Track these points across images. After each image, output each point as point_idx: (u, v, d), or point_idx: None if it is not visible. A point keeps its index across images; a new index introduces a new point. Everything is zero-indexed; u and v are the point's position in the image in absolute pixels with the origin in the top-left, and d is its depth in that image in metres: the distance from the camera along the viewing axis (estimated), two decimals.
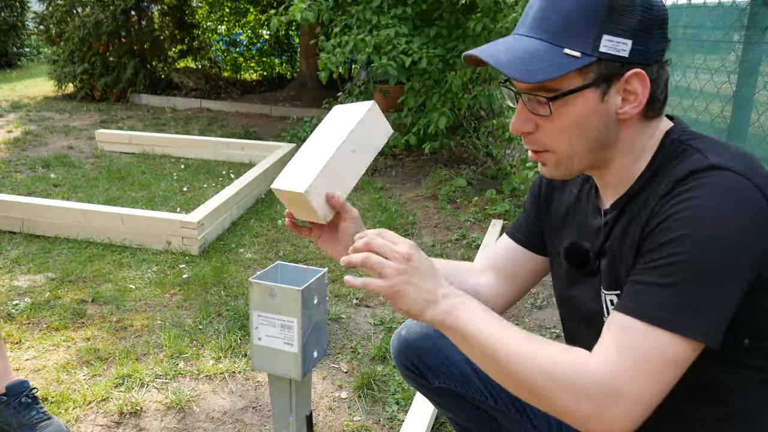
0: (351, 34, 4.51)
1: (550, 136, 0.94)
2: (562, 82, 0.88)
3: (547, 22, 0.89)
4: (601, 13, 0.86)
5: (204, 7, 10.91)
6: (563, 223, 1.15)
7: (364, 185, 4.58)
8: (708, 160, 0.85)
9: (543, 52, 0.88)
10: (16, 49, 13.27)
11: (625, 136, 0.94)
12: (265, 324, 0.96)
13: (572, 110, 0.90)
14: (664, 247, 0.84)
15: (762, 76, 2.18)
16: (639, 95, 0.89)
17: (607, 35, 0.86)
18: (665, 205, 0.86)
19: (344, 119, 1.14)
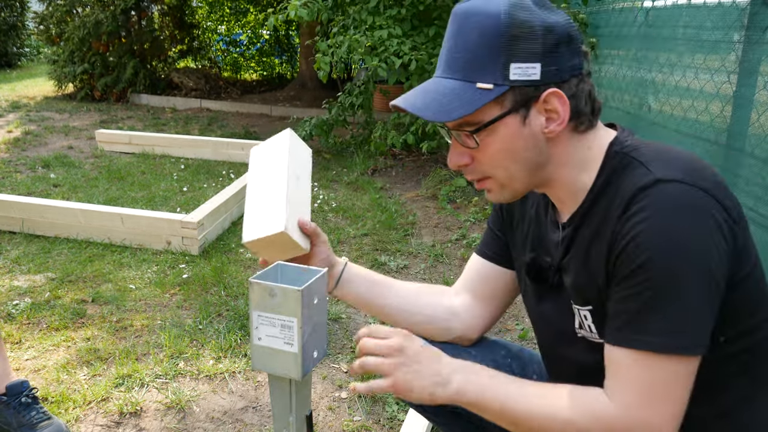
0: (347, 34, 4.51)
1: (485, 164, 0.97)
2: (481, 114, 0.92)
3: (457, 61, 0.93)
4: (504, 44, 0.89)
5: (204, 7, 10.91)
6: (525, 238, 1.16)
7: (364, 185, 4.59)
8: (652, 174, 0.88)
9: (457, 90, 0.92)
10: (16, 49, 13.26)
11: (559, 152, 0.97)
12: (265, 324, 0.96)
13: (497, 138, 0.94)
14: (636, 274, 0.86)
15: (762, 76, 2.18)
16: (560, 113, 0.92)
17: (515, 63, 0.90)
18: (624, 226, 0.88)
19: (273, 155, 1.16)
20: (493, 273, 1.25)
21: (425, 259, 3.25)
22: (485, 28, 0.90)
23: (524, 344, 2.38)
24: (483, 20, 0.90)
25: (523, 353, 1.36)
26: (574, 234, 1.00)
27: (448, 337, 1.29)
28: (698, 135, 2.57)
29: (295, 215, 1.10)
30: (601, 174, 0.96)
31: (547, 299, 1.11)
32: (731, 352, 0.94)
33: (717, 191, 0.87)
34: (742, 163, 2.29)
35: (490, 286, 1.26)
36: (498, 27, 0.89)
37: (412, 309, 1.26)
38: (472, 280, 1.28)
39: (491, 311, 1.28)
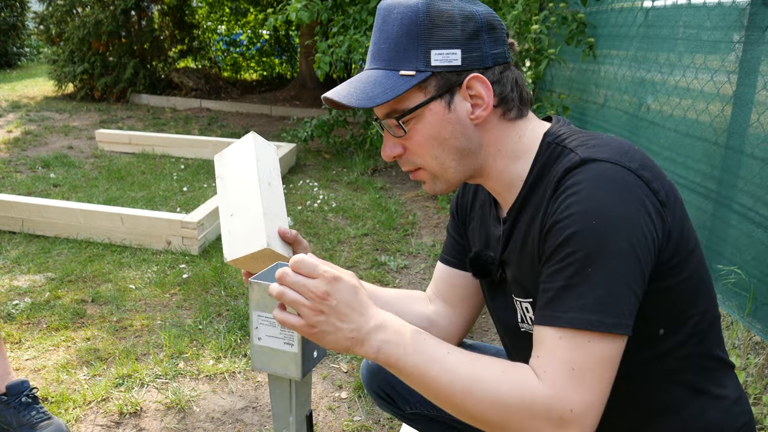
0: (347, 34, 4.52)
1: (415, 153, 0.99)
2: (406, 101, 0.94)
3: (381, 52, 0.96)
4: (423, 31, 0.92)
5: (204, 7, 10.91)
6: (474, 238, 1.17)
7: (364, 185, 4.59)
8: (578, 156, 0.89)
9: (381, 78, 0.94)
10: (16, 49, 13.27)
11: (488, 140, 0.98)
12: (264, 324, 0.96)
13: (424, 125, 0.95)
14: (559, 250, 0.85)
15: (762, 76, 2.18)
16: (485, 97, 0.94)
17: (435, 50, 0.92)
18: (551, 206, 0.89)
19: (239, 164, 1.13)
20: (458, 278, 1.25)
21: (425, 259, 3.26)
22: (405, 18, 0.93)
23: None
24: (404, 11, 0.94)
25: (500, 356, 1.36)
26: (513, 227, 1.01)
27: None
28: (698, 135, 2.57)
29: (274, 226, 1.09)
30: (535, 165, 0.97)
31: (496, 295, 1.11)
32: (671, 346, 0.93)
33: (644, 172, 0.87)
34: (742, 163, 2.29)
35: (458, 291, 1.26)
36: (417, 16, 0.92)
37: None
38: (441, 287, 1.28)
39: (465, 316, 1.28)
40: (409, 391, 1.31)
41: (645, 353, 0.93)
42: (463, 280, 1.25)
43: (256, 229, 1.06)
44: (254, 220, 1.07)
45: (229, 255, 1.09)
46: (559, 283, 0.85)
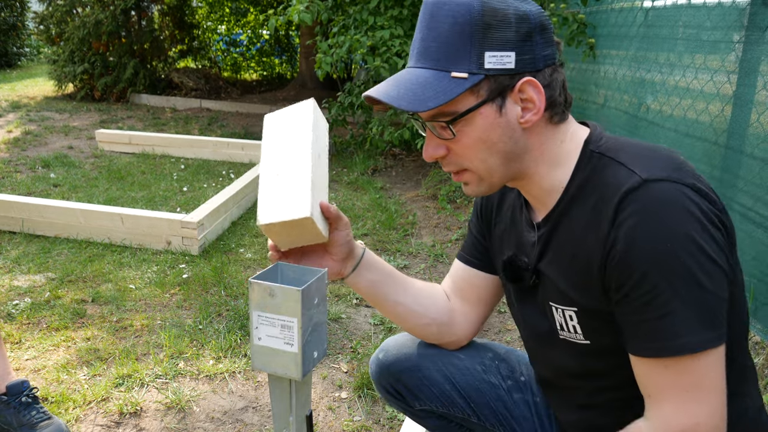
0: (348, 34, 4.52)
1: (461, 156, 0.96)
2: (456, 104, 0.91)
3: (430, 51, 0.91)
4: (477, 32, 0.88)
5: (204, 7, 10.91)
6: (502, 240, 1.15)
7: (364, 185, 4.59)
8: (637, 176, 0.87)
9: (431, 79, 0.90)
10: (16, 49, 13.28)
11: (534, 144, 0.96)
12: (265, 324, 0.96)
13: (474, 128, 0.92)
14: (643, 282, 0.85)
15: (762, 76, 2.18)
16: (536, 102, 0.91)
17: (489, 51, 0.88)
18: (618, 233, 0.87)
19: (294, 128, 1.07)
20: (479, 278, 1.25)
21: (425, 259, 3.26)
22: (458, 16, 0.89)
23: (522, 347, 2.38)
24: (456, 8, 0.89)
25: (510, 355, 1.36)
26: (552, 234, 0.99)
27: (443, 340, 1.30)
28: (698, 135, 2.57)
29: (318, 198, 1.04)
30: (578, 173, 0.96)
31: (526, 300, 1.10)
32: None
33: (701, 185, 0.87)
34: (742, 163, 2.29)
35: (477, 291, 1.26)
36: (471, 15, 0.88)
37: (421, 310, 1.25)
38: (460, 285, 1.28)
39: (480, 315, 1.28)
40: (419, 387, 1.30)
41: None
42: (483, 280, 1.24)
43: (300, 196, 1.00)
44: (301, 186, 1.00)
45: (265, 217, 1.01)
46: (653, 314, 0.85)
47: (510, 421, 1.29)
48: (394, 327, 2.53)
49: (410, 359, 1.31)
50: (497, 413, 1.29)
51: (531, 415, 1.29)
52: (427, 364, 1.30)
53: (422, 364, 1.30)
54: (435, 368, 1.30)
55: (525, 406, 1.29)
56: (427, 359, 1.31)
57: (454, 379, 1.29)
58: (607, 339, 0.96)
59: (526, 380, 1.31)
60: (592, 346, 0.99)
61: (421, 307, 1.25)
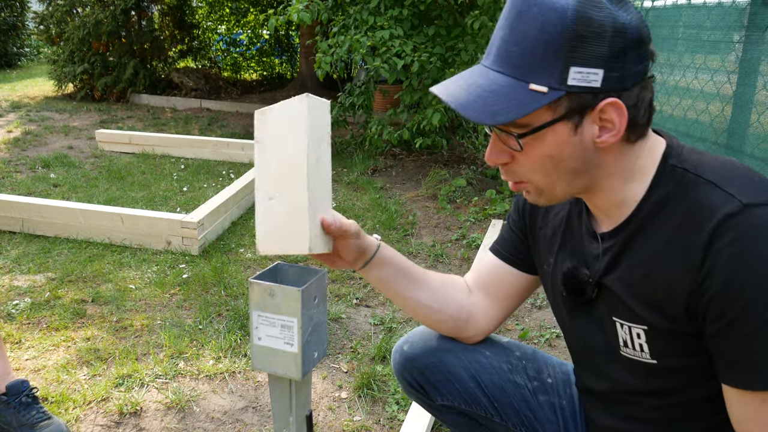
0: (348, 34, 4.52)
1: (525, 168, 0.90)
2: (530, 117, 0.84)
3: (510, 55, 0.83)
4: (566, 43, 0.79)
5: (204, 7, 10.91)
6: (552, 244, 1.10)
7: (364, 185, 4.59)
8: (736, 200, 0.82)
9: (507, 89, 0.83)
10: (16, 49, 13.28)
11: (608, 162, 0.90)
12: (265, 324, 0.96)
13: (543, 145, 0.86)
14: (745, 314, 0.81)
15: (762, 76, 2.18)
16: (616, 124, 0.84)
17: (575, 67, 0.80)
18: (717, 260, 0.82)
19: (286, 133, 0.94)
20: (509, 275, 1.21)
21: (425, 259, 3.26)
22: (548, 22, 0.80)
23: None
24: (547, 13, 0.80)
25: (537, 355, 1.34)
26: (623, 248, 0.94)
27: (460, 335, 1.27)
28: (698, 135, 2.57)
29: (318, 218, 0.97)
30: (656, 188, 0.90)
31: (580, 311, 1.06)
32: None
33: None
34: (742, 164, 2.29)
35: (505, 288, 1.22)
36: (563, 24, 0.79)
37: (437, 306, 1.22)
38: (486, 280, 1.24)
39: (503, 312, 1.25)
40: (443, 383, 1.28)
41: None
42: (515, 278, 1.21)
43: (298, 224, 0.94)
44: (298, 213, 0.94)
45: (264, 247, 0.96)
46: (760, 346, 0.81)
47: (533, 422, 1.27)
48: (394, 327, 2.53)
49: (436, 354, 1.28)
50: (520, 414, 1.27)
51: (556, 418, 1.26)
52: (452, 360, 1.27)
53: (448, 360, 1.27)
54: (460, 365, 1.27)
55: (550, 408, 1.27)
56: (452, 355, 1.28)
57: (479, 376, 1.27)
58: (677, 360, 0.93)
59: (552, 382, 1.29)
60: (658, 366, 0.95)
61: (436, 303, 1.22)
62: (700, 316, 0.87)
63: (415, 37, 4.58)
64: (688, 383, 0.95)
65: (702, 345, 0.89)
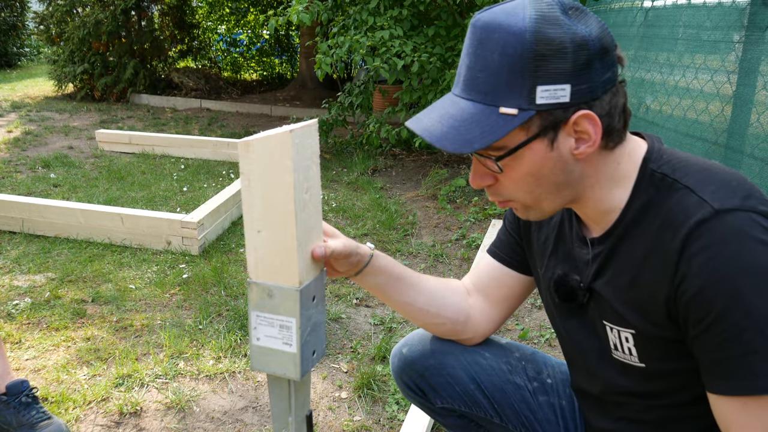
0: (348, 35, 4.52)
1: (508, 188, 0.92)
2: (505, 140, 0.85)
3: (477, 82, 0.85)
4: (529, 64, 0.81)
5: (204, 7, 10.91)
6: (545, 249, 1.12)
7: (364, 185, 4.59)
8: (708, 205, 0.83)
9: (478, 116, 0.84)
10: (16, 49, 13.28)
11: (590, 172, 0.91)
12: (263, 324, 0.96)
13: (522, 164, 0.87)
14: (722, 319, 0.81)
15: (762, 76, 2.18)
16: (592, 134, 0.85)
17: (542, 86, 0.81)
18: (691, 266, 0.83)
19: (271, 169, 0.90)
20: (507, 277, 1.22)
21: (425, 259, 3.26)
22: (508, 46, 0.81)
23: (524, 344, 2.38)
24: (506, 38, 0.81)
25: (536, 356, 1.34)
26: (610, 254, 0.96)
27: (459, 337, 1.27)
28: (698, 135, 2.57)
29: (308, 251, 0.96)
30: (637, 194, 0.91)
31: (572, 316, 1.07)
32: None
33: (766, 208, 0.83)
34: (742, 163, 2.29)
35: (502, 290, 1.23)
36: (523, 46, 0.80)
37: (434, 309, 1.22)
38: (485, 282, 1.24)
39: (501, 314, 1.25)
40: (443, 385, 1.27)
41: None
42: (512, 280, 1.22)
43: (287, 259, 0.93)
44: (286, 250, 0.93)
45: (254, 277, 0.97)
46: (734, 352, 0.81)
47: (533, 423, 1.27)
48: (394, 327, 2.53)
49: (435, 356, 1.28)
50: (521, 415, 1.27)
51: (556, 418, 1.26)
52: (452, 362, 1.27)
53: (447, 362, 1.27)
54: (460, 367, 1.27)
55: (550, 409, 1.27)
56: (452, 357, 1.28)
57: (479, 378, 1.27)
58: (665, 363, 0.94)
59: (552, 383, 1.29)
60: (648, 369, 0.96)
61: (433, 307, 1.22)
62: (681, 321, 0.87)
63: (414, 37, 4.58)
64: (680, 385, 0.95)
65: (688, 349, 0.90)
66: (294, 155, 0.88)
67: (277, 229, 0.93)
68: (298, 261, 0.93)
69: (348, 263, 1.09)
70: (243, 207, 0.94)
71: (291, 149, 0.88)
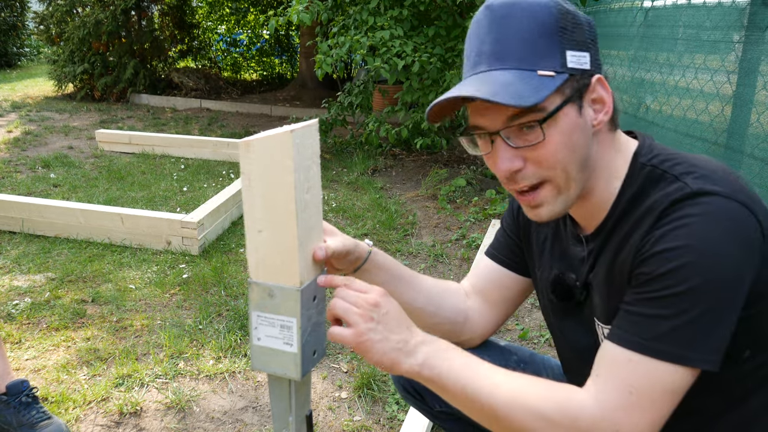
0: (348, 35, 4.52)
1: (542, 164, 0.89)
2: (546, 102, 0.86)
3: (509, 51, 0.88)
4: (558, 31, 0.87)
5: (204, 7, 10.91)
6: (543, 251, 1.12)
7: (364, 185, 4.59)
8: (689, 187, 0.85)
9: (518, 79, 0.85)
10: (16, 49, 13.28)
11: (599, 152, 0.93)
12: (264, 324, 0.96)
13: (559, 130, 0.88)
14: (661, 279, 0.82)
15: (762, 76, 2.18)
16: (606, 101, 0.92)
17: (570, 51, 0.88)
18: (655, 233, 0.85)
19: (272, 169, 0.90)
20: (506, 279, 1.22)
21: (425, 259, 3.26)
22: (538, 15, 0.87)
23: (524, 345, 2.38)
24: (533, 7, 0.88)
25: (535, 358, 1.34)
26: (602, 248, 0.97)
27: (457, 339, 1.26)
28: (698, 135, 2.57)
29: (308, 250, 0.96)
30: (628, 186, 0.93)
31: (568, 315, 1.07)
32: (754, 366, 0.92)
33: (754, 205, 0.84)
34: (742, 163, 2.29)
35: (503, 292, 1.23)
36: (552, 14, 0.87)
37: (432, 309, 1.22)
38: (484, 284, 1.25)
39: (500, 315, 1.25)
40: None
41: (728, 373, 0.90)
42: (511, 282, 1.22)
43: (288, 259, 0.93)
44: (287, 250, 0.93)
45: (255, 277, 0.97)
46: (652, 311, 0.83)
47: None
48: None
49: None
50: None
51: None
52: None
53: None
54: None
55: None
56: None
57: None
58: None
59: None
60: None
61: (431, 306, 1.22)
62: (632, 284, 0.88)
63: (415, 37, 4.58)
64: None
65: None
66: (295, 155, 0.88)
67: (278, 229, 0.93)
68: (299, 261, 0.93)
69: (347, 261, 1.10)
70: (244, 207, 0.95)
71: (292, 149, 0.88)
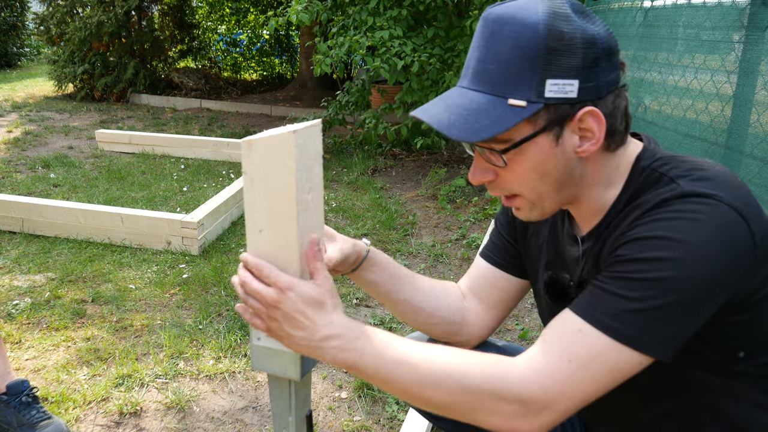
0: (347, 35, 4.52)
1: (510, 183, 0.91)
2: (512, 132, 0.85)
3: (487, 73, 0.85)
4: (540, 57, 0.81)
5: (204, 7, 10.92)
6: (540, 251, 1.12)
7: (364, 185, 4.59)
8: (680, 188, 0.83)
9: (486, 105, 0.84)
10: (16, 49, 13.29)
11: (591, 171, 0.92)
12: None
13: (527, 158, 0.87)
14: (636, 263, 0.82)
15: (762, 76, 2.18)
16: (596, 132, 0.86)
17: (551, 79, 0.82)
18: (637, 223, 0.85)
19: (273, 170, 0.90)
20: (501, 280, 1.22)
21: (425, 259, 3.26)
22: (521, 39, 0.82)
23: (524, 345, 2.38)
24: (519, 30, 0.82)
25: None
26: (597, 249, 0.96)
27: (454, 339, 1.27)
28: (698, 135, 2.57)
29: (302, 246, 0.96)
30: (627, 189, 0.92)
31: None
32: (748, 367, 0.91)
33: (749, 214, 0.82)
34: (742, 163, 2.29)
35: (499, 294, 1.23)
36: (536, 38, 0.81)
37: (429, 309, 1.21)
38: (481, 286, 1.24)
39: (497, 317, 1.25)
40: None
41: (723, 373, 0.90)
42: (508, 283, 1.22)
43: (288, 259, 0.94)
44: (288, 250, 0.94)
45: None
46: (617, 290, 0.82)
47: None
48: (395, 327, 2.53)
49: None
50: None
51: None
52: None
53: None
54: None
55: None
56: None
57: None
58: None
59: None
60: None
61: (428, 306, 1.21)
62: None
63: (414, 38, 4.58)
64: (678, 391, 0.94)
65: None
66: (297, 155, 0.88)
67: (279, 229, 0.93)
68: (300, 261, 0.93)
69: (344, 261, 1.10)
70: (245, 206, 0.95)
71: (294, 149, 0.88)
